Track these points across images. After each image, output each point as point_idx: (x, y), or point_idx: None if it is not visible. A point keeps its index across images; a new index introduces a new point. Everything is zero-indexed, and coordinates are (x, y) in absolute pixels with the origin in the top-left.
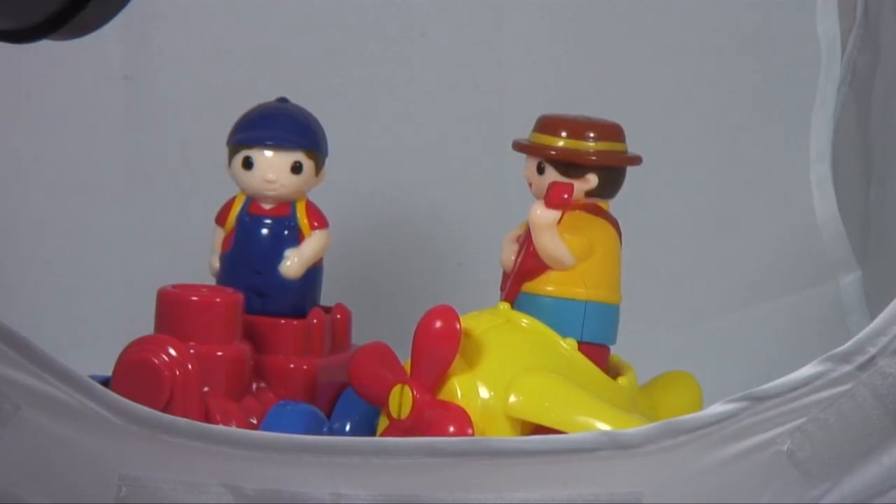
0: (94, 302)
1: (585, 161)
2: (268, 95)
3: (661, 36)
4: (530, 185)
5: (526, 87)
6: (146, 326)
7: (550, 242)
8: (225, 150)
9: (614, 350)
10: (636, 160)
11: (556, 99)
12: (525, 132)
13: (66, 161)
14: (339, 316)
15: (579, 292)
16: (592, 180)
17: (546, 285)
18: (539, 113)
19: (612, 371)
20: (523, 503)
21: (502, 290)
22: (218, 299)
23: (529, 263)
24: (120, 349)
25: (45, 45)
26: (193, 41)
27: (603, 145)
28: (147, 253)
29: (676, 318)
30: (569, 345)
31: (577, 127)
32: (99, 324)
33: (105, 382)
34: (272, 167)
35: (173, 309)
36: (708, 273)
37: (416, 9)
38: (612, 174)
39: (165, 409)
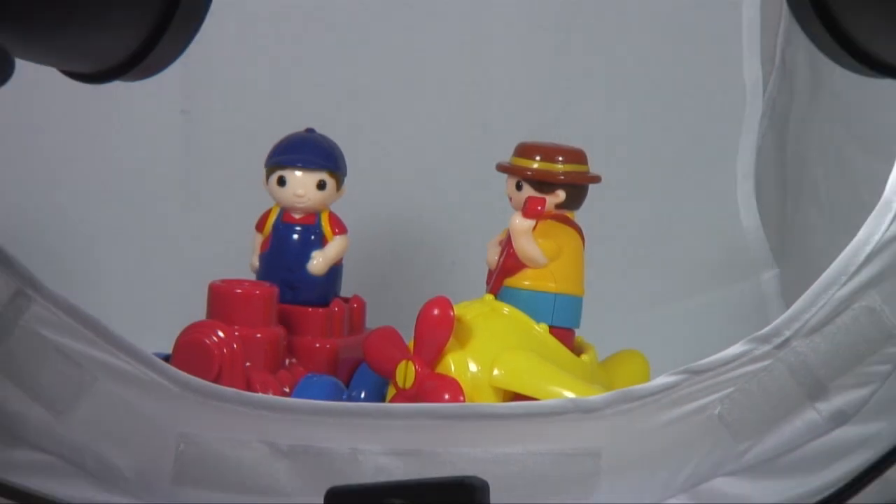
0: (158, 294)
1: (555, 180)
2: (298, 126)
3: (621, 79)
4: (510, 199)
5: (507, 121)
6: (199, 313)
7: (527, 246)
8: (263, 171)
9: (578, 333)
10: (596, 179)
11: (532, 129)
12: (507, 156)
13: (135, 182)
14: (355, 305)
15: (550, 286)
16: (561, 195)
17: (523, 280)
18: (517, 141)
19: (577, 350)
20: (505, 456)
21: (488, 284)
22: (257, 291)
23: (510, 263)
24: (178, 332)
25: (116, 84)
26: (238, 81)
27: (570, 167)
28: (200, 254)
29: (629, 307)
30: (542, 329)
31: (549, 152)
32: (162, 311)
33: (166, 358)
34: (301, 184)
35: (221, 299)
36: (655, 270)
37: (423, 56)
38: (577, 190)
39: (215, 380)
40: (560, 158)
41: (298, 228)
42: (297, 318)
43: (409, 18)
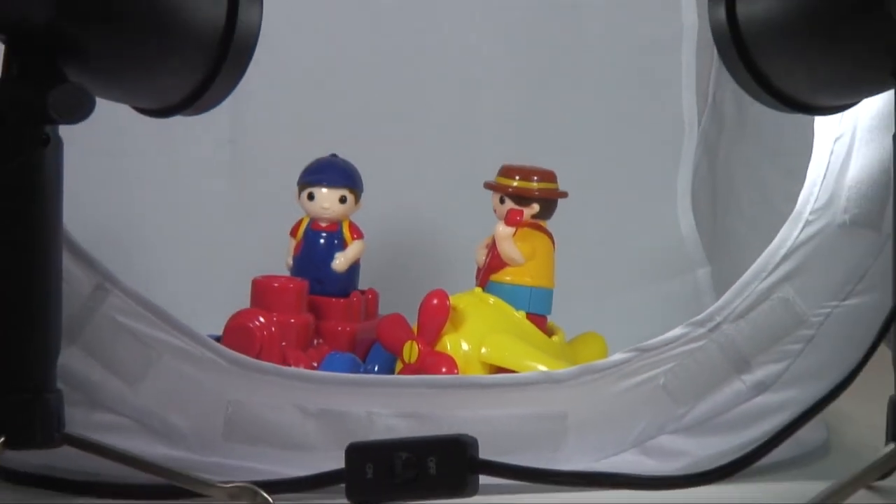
0: (211, 287)
1: (531, 195)
2: (324, 151)
3: (585, 113)
4: (495, 210)
5: (492, 149)
6: (244, 302)
7: (508, 248)
8: (295, 188)
9: (550, 318)
10: (564, 194)
11: (512, 154)
12: (492, 176)
13: (192, 196)
14: (370, 296)
15: (527, 280)
16: (536, 208)
17: (505, 276)
18: (501, 164)
19: (549, 332)
20: (490, 417)
21: (477, 279)
22: (291, 285)
23: (494, 262)
24: (227, 318)
25: (177, 118)
26: (274, 117)
27: (543, 185)
28: (245, 255)
29: (591, 297)
30: (520, 315)
31: (526, 173)
32: (214, 301)
33: (218, 339)
34: (326, 199)
35: (262, 291)
36: (613, 268)
37: (427, 100)
38: (548, 203)
39: (257, 357)
40: (535, 178)
41: (324, 234)
42: (323, 306)
43: (416, 68)
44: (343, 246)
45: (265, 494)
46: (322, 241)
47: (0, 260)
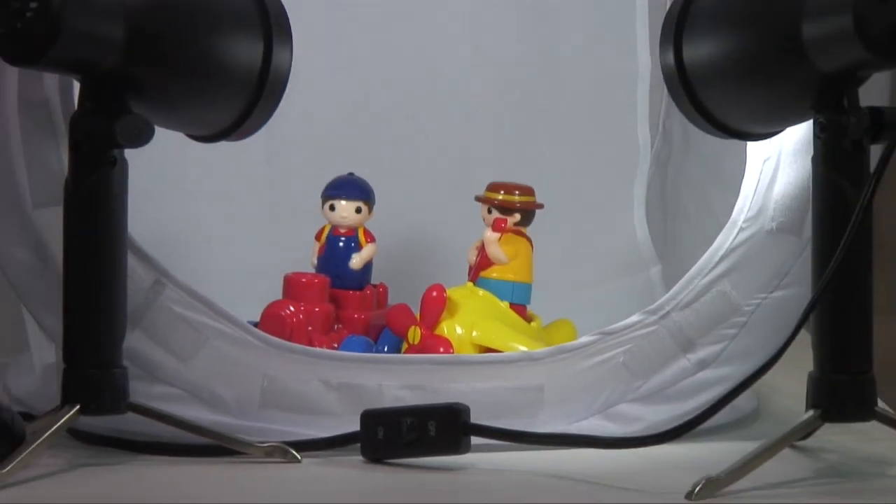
0: (250, 281)
1: (513, 206)
2: (343, 170)
3: (560, 138)
4: (483, 219)
5: (481, 168)
6: (277, 294)
7: (494, 251)
8: (319, 200)
9: (529, 308)
10: (541, 206)
11: (498, 171)
12: (481, 191)
13: (235, 205)
14: (381, 289)
15: (510, 277)
16: (517, 217)
17: (492, 273)
18: (488, 181)
19: (528, 319)
20: (480, 389)
21: (469, 275)
22: (316, 280)
23: (483, 261)
24: (263, 307)
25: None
26: (303, 140)
27: (523, 198)
28: (278, 254)
29: (563, 291)
30: (504, 305)
31: (509, 188)
32: (253, 294)
33: (255, 324)
34: (345, 210)
35: (292, 285)
36: (580, 267)
37: (426, 123)
38: (528, 213)
39: (287, 339)
40: (517, 192)
41: (343, 239)
42: (342, 298)
43: (419, 103)
44: (359, 248)
45: (294, 452)
46: (341, 244)
47: (75, 260)
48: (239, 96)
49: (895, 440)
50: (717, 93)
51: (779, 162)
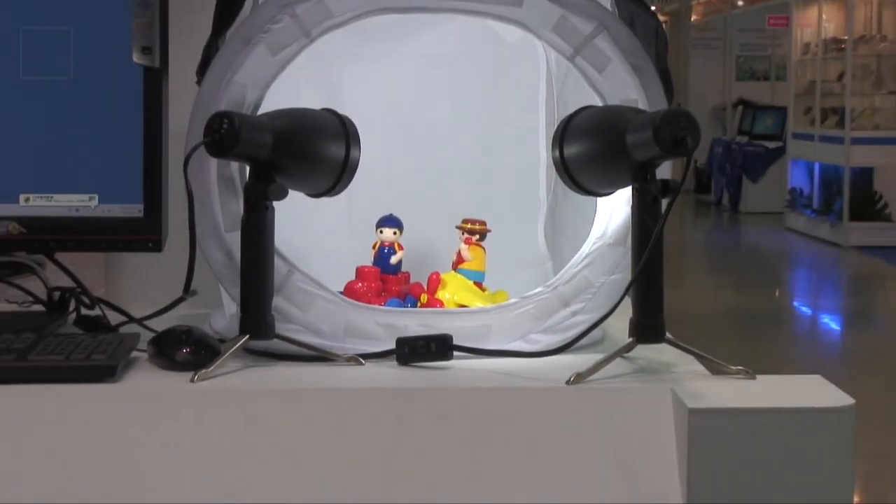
0: (338, 271)
1: (475, 231)
2: (387, 211)
3: (493, 172)
4: (460, 237)
5: (459, 210)
6: (353, 277)
7: (465, 254)
8: (374, 227)
9: (484, 284)
10: (489, 230)
11: (468, 212)
12: (458, 222)
13: (327, 231)
14: (406, 275)
15: (474, 267)
16: (477, 236)
17: (464, 266)
18: (463, 217)
19: (483, 290)
20: (458, 327)
21: (452, 267)
22: (372, 269)
23: (459, 260)
24: (345, 284)
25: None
26: (363, 191)
27: (480, 227)
28: (354, 257)
29: (499, 276)
30: (471, 283)
31: (473, 221)
32: (340, 276)
33: (341, 292)
34: (388, 232)
35: (360, 272)
36: (507, 263)
37: (429, 182)
38: (483, 234)
39: (358, 300)
40: (477, 224)
41: (386, 248)
42: (386, 279)
43: (420, 166)
44: (395, 252)
45: (360, 359)
46: (385, 250)
47: (246, 259)
48: (332, 174)
49: (675, 353)
50: (581, 171)
51: (614, 207)
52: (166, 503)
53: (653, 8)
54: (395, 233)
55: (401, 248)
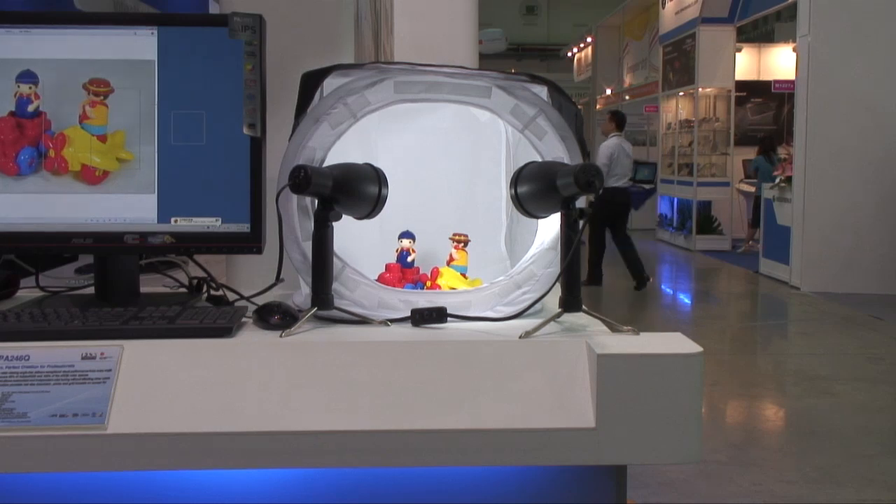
0: (373, 266)
1: (461, 240)
2: (405, 226)
3: (477, 219)
4: (451, 244)
5: (450, 228)
6: (382, 267)
7: (455, 256)
8: (396, 238)
9: (466, 274)
10: (469, 241)
11: (455, 222)
12: (450, 234)
13: (364, 240)
14: (418, 269)
15: (460, 263)
16: (463, 244)
17: (454, 263)
18: (451, 231)
19: (466, 278)
20: (451, 301)
21: (446, 264)
22: (396, 266)
23: (450, 259)
24: (377, 275)
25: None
26: (389, 213)
27: (464, 238)
28: (383, 257)
29: (476, 270)
30: (459, 274)
31: (459, 235)
32: (375, 269)
33: (375, 280)
34: (406, 242)
35: (388, 267)
36: (483, 262)
37: (432, 212)
38: (466, 243)
39: (386, 284)
40: (462, 235)
41: (405, 252)
42: (405, 272)
43: (423, 195)
44: (410, 254)
45: (388, 323)
46: (404, 253)
47: (316, 258)
48: (370, 205)
49: (588, 318)
50: (529, 203)
51: (549, 226)
52: (261, 428)
53: (574, 99)
54: (410, 242)
55: (414, 251)
